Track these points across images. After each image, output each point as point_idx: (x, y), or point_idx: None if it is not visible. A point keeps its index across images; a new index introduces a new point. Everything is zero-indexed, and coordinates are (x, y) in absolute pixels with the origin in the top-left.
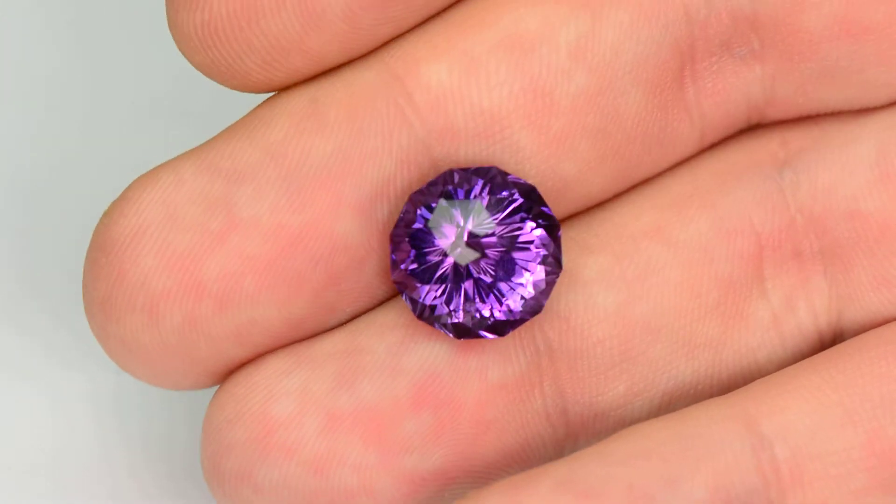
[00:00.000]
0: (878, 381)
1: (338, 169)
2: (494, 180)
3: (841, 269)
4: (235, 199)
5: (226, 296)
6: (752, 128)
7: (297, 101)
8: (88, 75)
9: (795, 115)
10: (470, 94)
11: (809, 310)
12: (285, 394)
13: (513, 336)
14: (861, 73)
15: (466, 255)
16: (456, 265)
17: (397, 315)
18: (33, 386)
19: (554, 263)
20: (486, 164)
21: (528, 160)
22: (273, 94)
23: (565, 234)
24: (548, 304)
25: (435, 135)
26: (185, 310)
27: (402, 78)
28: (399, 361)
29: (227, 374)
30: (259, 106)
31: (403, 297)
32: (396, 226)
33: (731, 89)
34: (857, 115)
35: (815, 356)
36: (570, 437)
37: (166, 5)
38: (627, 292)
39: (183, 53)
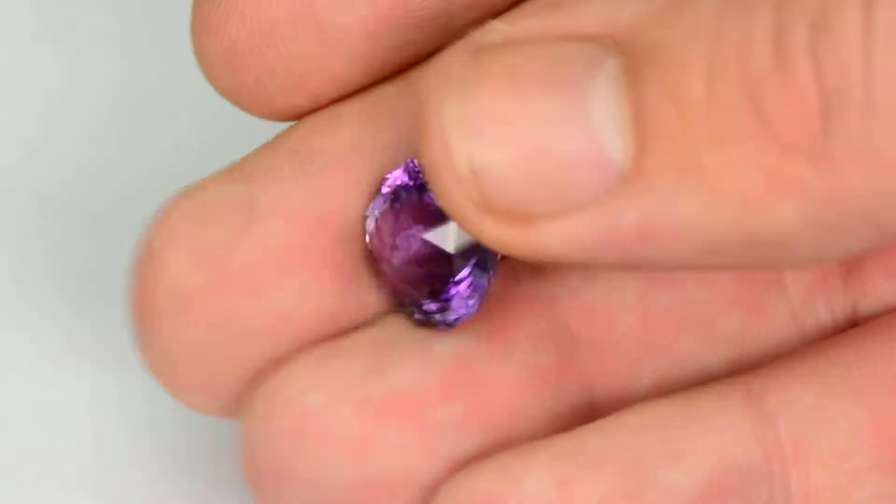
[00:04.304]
0: (887, 363)
1: (353, 159)
2: None
3: (853, 263)
4: (257, 195)
5: (254, 286)
6: None
7: (320, 114)
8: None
9: None
10: None
11: (827, 306)
12: (318, 385)
13: (538, 322)
14: None
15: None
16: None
17: None
18: (35, 386)
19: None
20: None
21: None
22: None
23: None
24: (572, 296)
25: None
26: (217, 305)
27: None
28: (429, 349)
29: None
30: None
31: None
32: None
33: None
34: None
35: (825, 339)
36: None
37: (191, 32)
38: (648, 284)
39: (208, 79)
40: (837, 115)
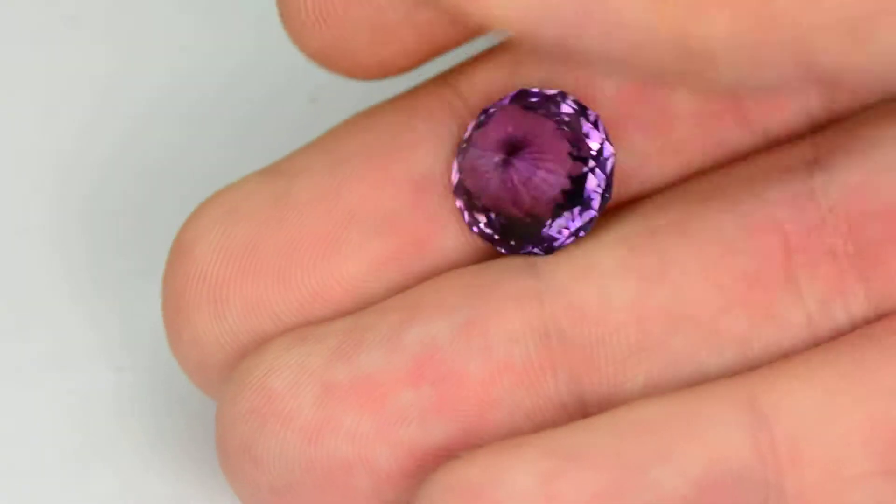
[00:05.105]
0: (886, 370)
1: (387, 152)
2: None
3: (874, 268)
4: (291, 189)
5: (284, 270)
6: None
7: (355, 116)
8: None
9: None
10: (512, 85)
11: (846, 311)
12: (284, 366)
13: (519, 319)
14: None
15: None
16: None
17: (399, 298)
18: (33, 386)
19: None
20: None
21: None
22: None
23: (591, 232)
24: (561, 293)
25: None
26: (246, 292)
27: (453, 84)
28: (399, 337)
29: None
30: None
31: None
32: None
33: (791, 102)
34: (888, 114)
35: (823, 345)
36: None
37: None
38: (644, 282)
39: (295, 42)
40: None
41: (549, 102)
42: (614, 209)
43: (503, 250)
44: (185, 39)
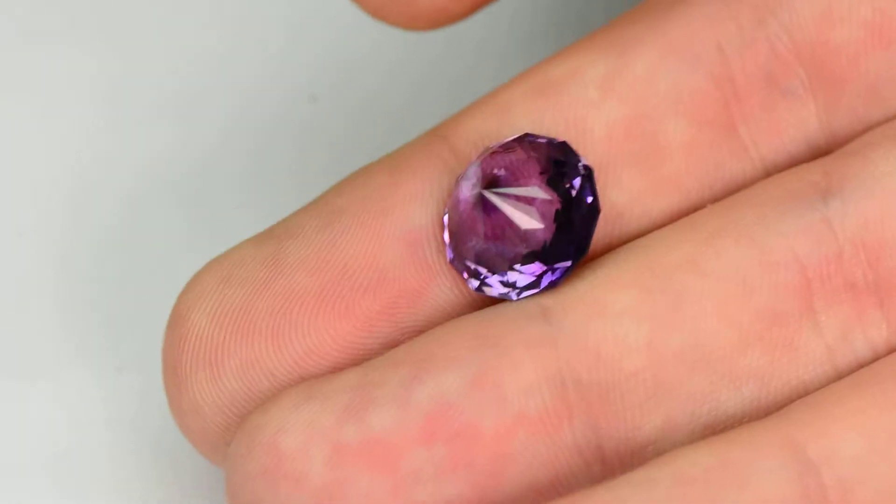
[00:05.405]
0: None
1: (379, 209)
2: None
3: (895, 297)
4: (283, 250)
5: (278, 329)
6: None
7: (349, 175)
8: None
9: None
10: (501, 132)
11: (867, 343)
12: (294, 426)
13: (534, 368)
14: None
15: None
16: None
17: (406, 350)
18: (33, 386)
19: None
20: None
21: None
22: None
23: (595, 270)
24: (574, 338)
25: None
26: (242, 353)
27: (445, 135)
28: (410, 393)
29: None
30: None
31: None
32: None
33: (788, 127)
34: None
35: (855, 374)
36: (606, 474)
37: None
38: (659, 324)
39: None
40: None
41: (514, 142)
42: (616, 246)
43: (510, 297)
44: (184, 40)
